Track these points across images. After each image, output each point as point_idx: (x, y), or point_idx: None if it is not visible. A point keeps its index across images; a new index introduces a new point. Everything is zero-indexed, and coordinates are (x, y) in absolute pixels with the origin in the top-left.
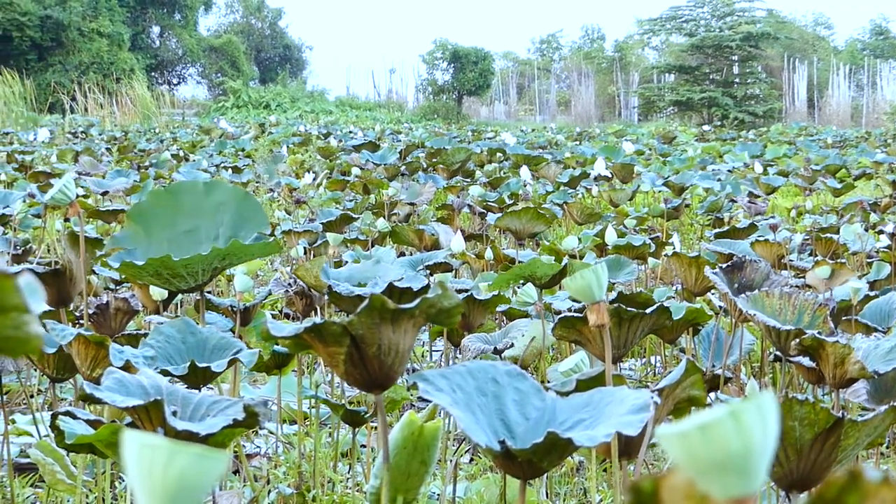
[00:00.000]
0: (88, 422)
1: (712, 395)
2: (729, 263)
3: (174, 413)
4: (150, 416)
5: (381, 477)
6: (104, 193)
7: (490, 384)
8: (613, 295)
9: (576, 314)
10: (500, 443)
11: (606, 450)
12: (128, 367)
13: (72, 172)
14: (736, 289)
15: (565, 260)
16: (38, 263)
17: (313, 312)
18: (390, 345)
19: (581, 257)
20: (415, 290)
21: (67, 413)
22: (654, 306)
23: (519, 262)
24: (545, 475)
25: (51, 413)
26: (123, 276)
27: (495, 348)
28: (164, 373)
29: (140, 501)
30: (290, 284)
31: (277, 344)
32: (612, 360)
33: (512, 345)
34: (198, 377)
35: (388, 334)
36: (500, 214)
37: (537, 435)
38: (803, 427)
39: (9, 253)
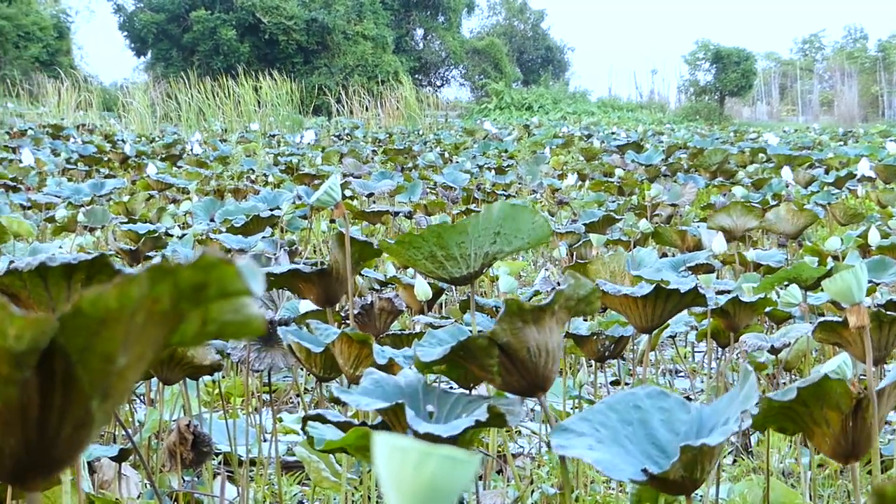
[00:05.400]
0: (338, 424)
1: None
2: None
3: (430, 414)
4: (398, 417)
5: None
6: (370, 195)
7: (633, 411)
8: (880, 297)
9: (835, 318)
10: (643, 471)
11: (831, 452)
12: (391, 366)
13: (337, 174)
14: None
15: (830, 262)
16: (303, 263)
17: None
18: (538, 346)
19: (843, 258)
20: (682, 291)
21: (318, 417)
22: None
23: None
24: (808, 478)
25: (302, 417)
26: (388, 278)
27: (772, 346)
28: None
29: None
30: (558, 283)
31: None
32: (872, 362)
33: (789, 344)
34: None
35: (533, 336)
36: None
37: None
38: None
39: (275, 254)
